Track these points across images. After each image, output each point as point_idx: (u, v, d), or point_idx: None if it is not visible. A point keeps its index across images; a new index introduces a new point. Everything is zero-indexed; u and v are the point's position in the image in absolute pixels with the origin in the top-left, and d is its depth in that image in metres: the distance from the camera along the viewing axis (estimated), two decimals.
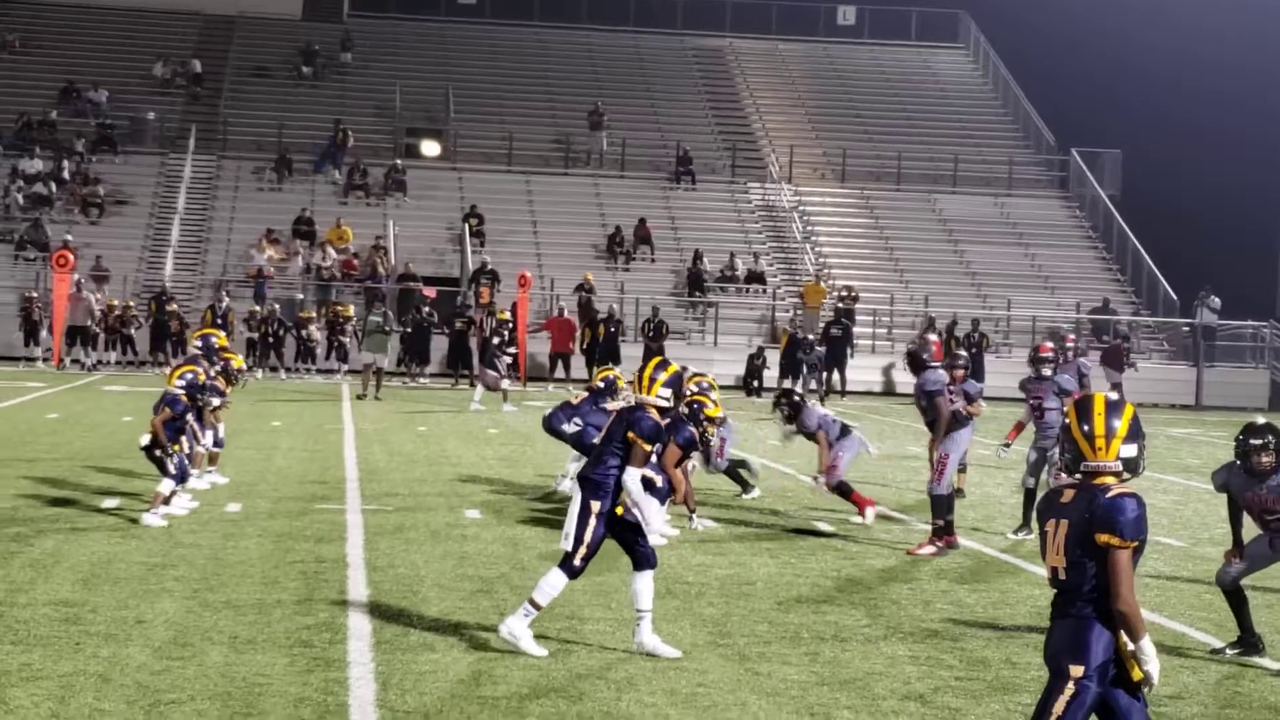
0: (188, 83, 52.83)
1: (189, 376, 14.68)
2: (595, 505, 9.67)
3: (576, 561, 9.66)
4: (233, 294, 40.83)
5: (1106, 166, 52.77)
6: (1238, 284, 49.86)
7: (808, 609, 11.18)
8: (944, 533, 14.01)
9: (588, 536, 9.64)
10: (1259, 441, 10.11)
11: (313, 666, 8.91)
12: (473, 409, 29.19)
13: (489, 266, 42.41)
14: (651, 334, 39.51)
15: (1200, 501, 19.10)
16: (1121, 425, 6.26)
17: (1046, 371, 16.17)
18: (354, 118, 51.55)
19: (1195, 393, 43.37)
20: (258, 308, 39.40)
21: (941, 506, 14.04)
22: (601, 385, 16.05)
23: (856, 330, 42.03)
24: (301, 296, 42.03)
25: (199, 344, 16.67)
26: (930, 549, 13.89)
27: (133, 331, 38.92)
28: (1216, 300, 45.80)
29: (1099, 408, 6.30)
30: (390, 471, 18.81)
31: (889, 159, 52.24)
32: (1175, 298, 46.48)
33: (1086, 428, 6.25)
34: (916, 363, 14.73)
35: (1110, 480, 6.21)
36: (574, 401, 15.85)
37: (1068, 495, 6.23)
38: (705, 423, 14.30)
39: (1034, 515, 13.04)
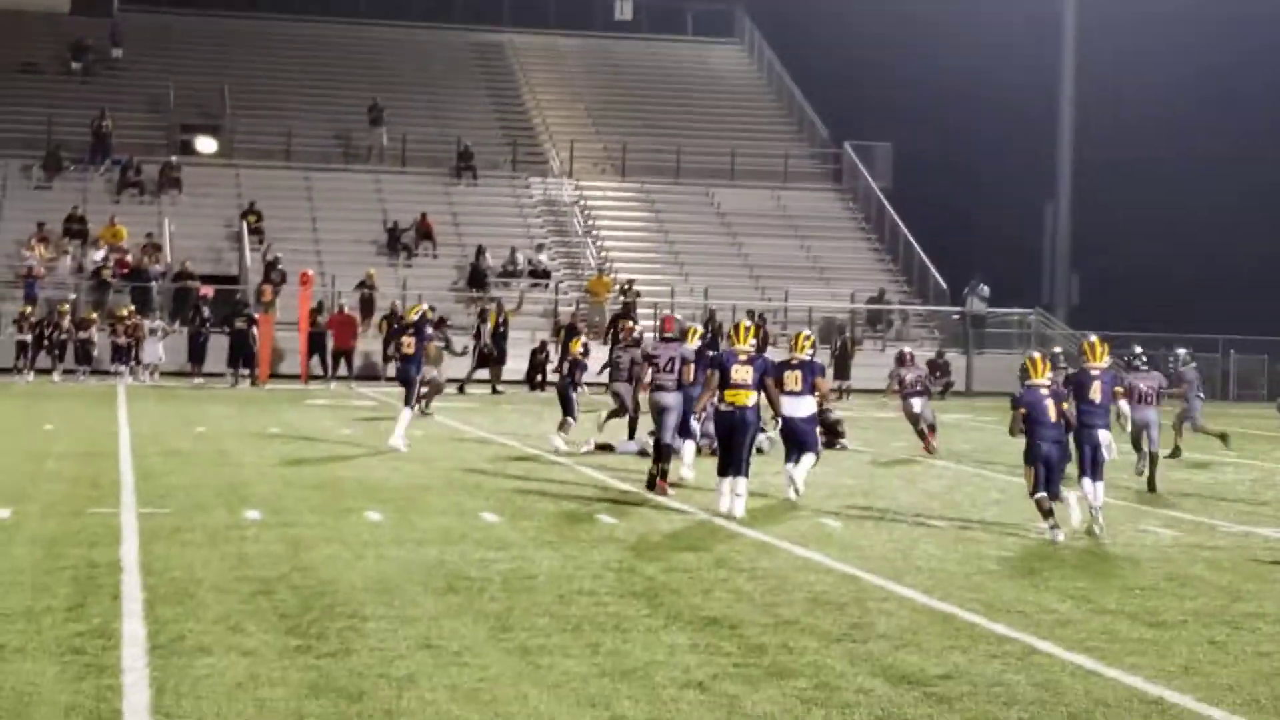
0: None
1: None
2: None
3: None
4: (2, 295, 39.69)
5: (878, 160, 53.89)
6: (1005, 273, 51.33)
7: (589, 601, 11.26)
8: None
9: None
10: None
11: (84, 674, 8.74)
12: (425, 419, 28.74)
13: (280, 265, 41.94)
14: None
15: (971, 485, 19.66)
16: None
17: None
18: (126, 113, 50.44)
19: (966, 378, 44.59)
20: (29, 308, 38.30)
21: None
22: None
23: (641, 324, 42.24)
24: (74, 296, 40.89)
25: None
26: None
27: None
28: (986, 289, 47.07)
29: None
30: (167, 473, 18.48)
31: (668, 153, 52.71)
32: (945, 287, 47.67)
33: None
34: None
35: None
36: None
37: None
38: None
39: None
